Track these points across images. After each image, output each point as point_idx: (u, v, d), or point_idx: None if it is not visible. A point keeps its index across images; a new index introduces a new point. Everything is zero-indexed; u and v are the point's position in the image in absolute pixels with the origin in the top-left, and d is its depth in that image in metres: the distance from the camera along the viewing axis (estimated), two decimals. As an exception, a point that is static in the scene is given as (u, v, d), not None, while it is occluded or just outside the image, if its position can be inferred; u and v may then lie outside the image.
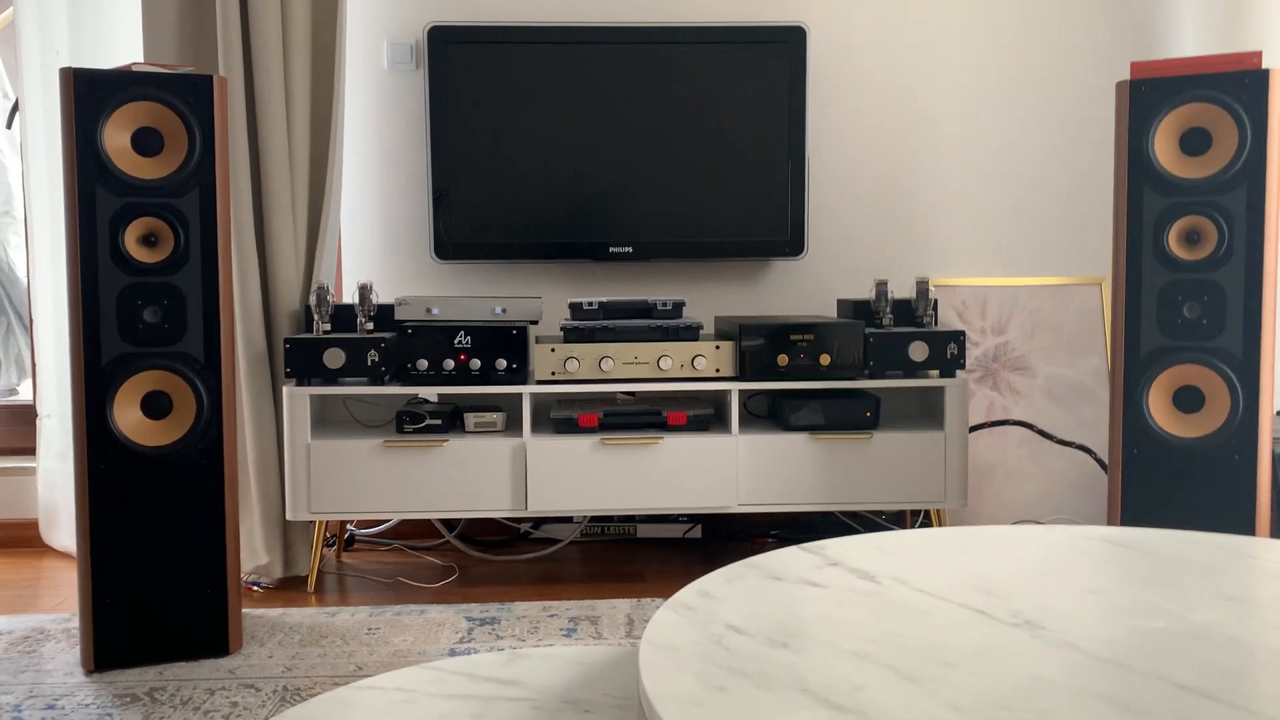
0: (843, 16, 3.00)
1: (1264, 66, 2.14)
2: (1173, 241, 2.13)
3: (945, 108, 3.03)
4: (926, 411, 2.76)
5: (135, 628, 2.04)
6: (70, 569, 2.80)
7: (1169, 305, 2.13)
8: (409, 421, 2.54)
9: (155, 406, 2.03)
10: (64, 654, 2.14)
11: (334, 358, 2.46)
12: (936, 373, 2.58)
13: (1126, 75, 3.01)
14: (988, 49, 3.02)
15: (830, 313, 3.03)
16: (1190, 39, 2.84)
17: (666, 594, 2.52)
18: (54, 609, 2.47)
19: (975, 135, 3.04)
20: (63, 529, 2.91)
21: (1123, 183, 2.16)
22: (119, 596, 2.02)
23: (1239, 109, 2.06)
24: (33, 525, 2.99)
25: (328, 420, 2.73)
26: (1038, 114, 3.04)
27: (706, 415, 2.57)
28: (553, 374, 2.51)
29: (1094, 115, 3.04)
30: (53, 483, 2.92)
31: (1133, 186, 2.14)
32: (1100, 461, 2.85)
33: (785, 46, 2.83)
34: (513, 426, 2.63)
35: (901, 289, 3.04)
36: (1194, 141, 2.11)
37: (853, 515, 3.02)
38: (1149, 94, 2.12)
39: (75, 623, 2.32)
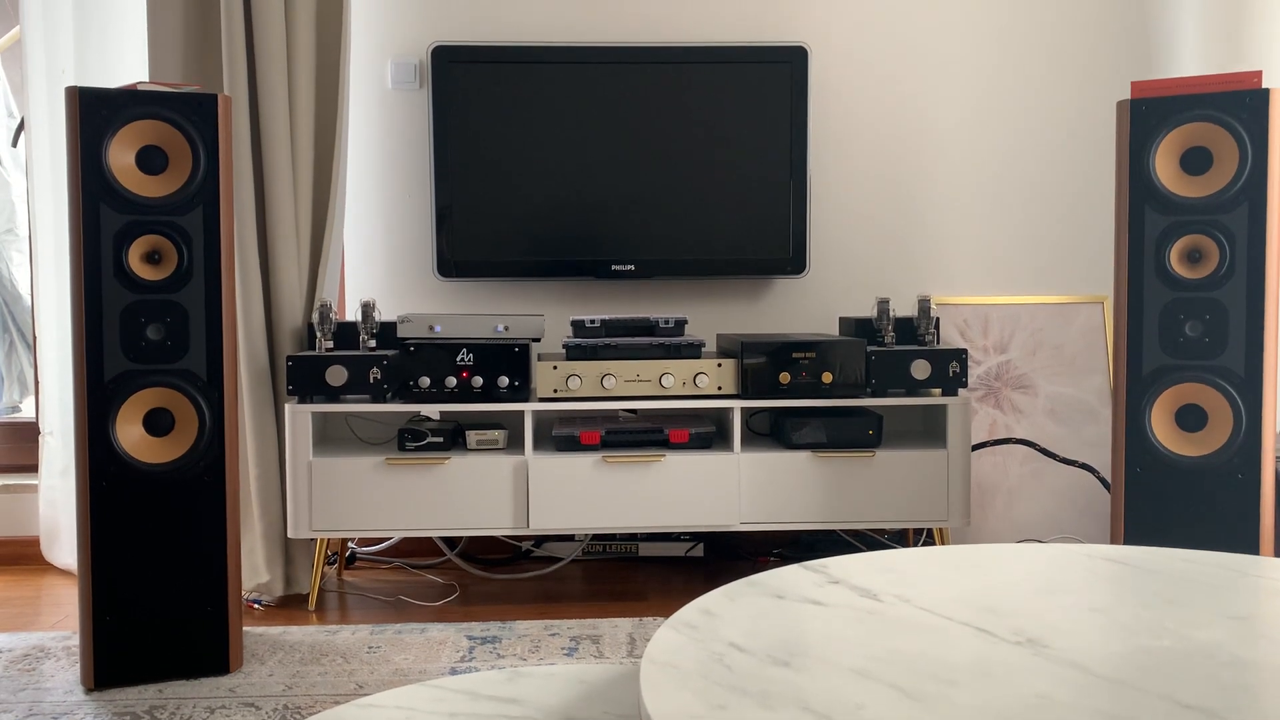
0: (844, 36, 3.01)
1: (1264, 86, 2.15)
2: (1174, 260, 2.13)
3: (947, 126, 3.04)
4: (929, 430, 2.75)
5: (135, 646, 2.03)
6: (71, 587, 2.80)
7: (1171, 324, 2.13)
8: (411, 439, 2.54)
9: (157, 424, 2.03)
10: (64, 672, 2.13)
11: (336, 375, 2.47)
12: (939, 391, 2.58)
13: (1127, 94, 3.02)
14: (989, 68, 3.04)
15: (832, 331, 3.03)
16: (1190, 58, 2.85)
17: (668, 612, 2.51)
18: (54, 627, 2.47)
19: (977, 154, 3.05)
20: (64, 546, 2.90)
21: (1124, 201, 2.16)
22: (119, 614, 2.02)
23: (1239, 128, 2.06)
24: (34, 543, 2.99)
25: (330, 438, 2.73)
26: (1039, 132, 3.05)
27: (709, 433, 2.56)
28: (555, 391, 2.52)
29: (1096, 134, 3.05)
30: (54, 500, 2.92)
31: (1134, 205, 2.15)
32: (1103, 480, 2.84)
33: (787, 67, 2.84)
34: (514, 444, 2.62)
35: (903, 307, 3.04)
36: (1195, 160, 2.12)
37: (855, 534, 3.01)
38: (1150, 113, 2.13)
39: (75, 640, 2.32)
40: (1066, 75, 3.04)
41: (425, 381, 2.49)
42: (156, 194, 2.01)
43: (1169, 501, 2.14)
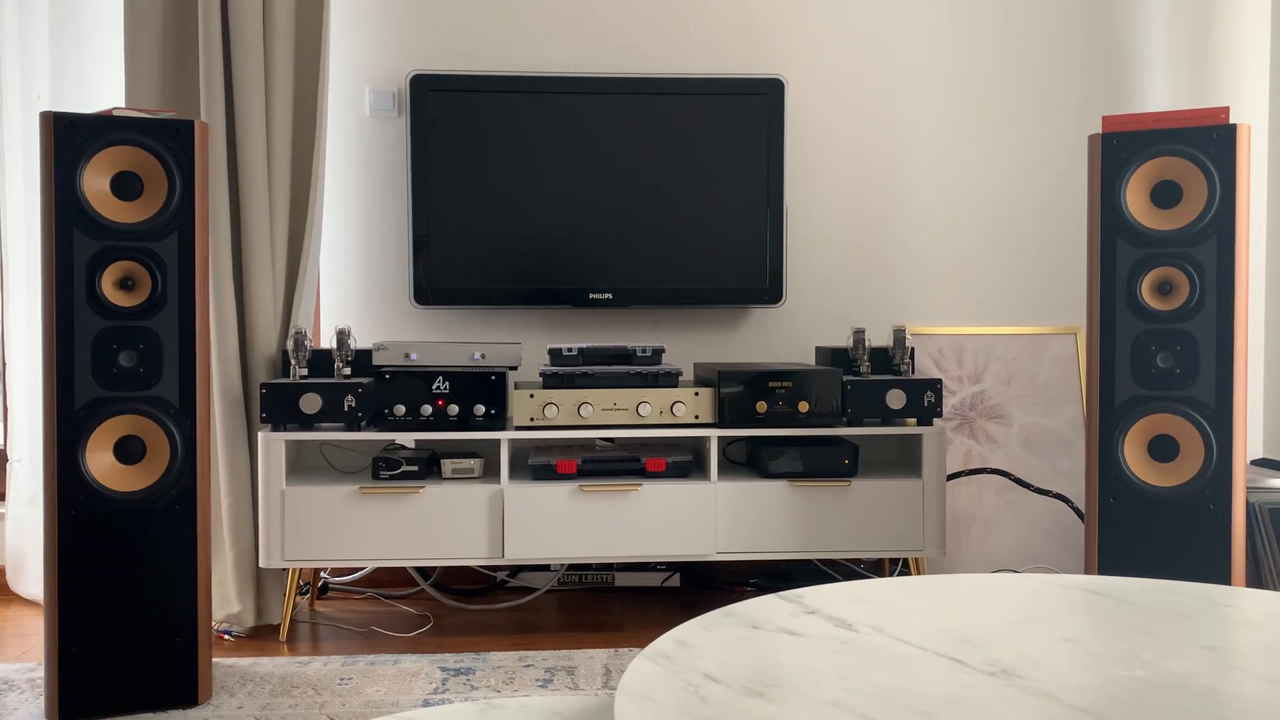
0: (821, 69, 3.05)
1: (1231, 121, 2.18)
2: (1145, 292, 2.15)
3: (922, 158, 3.07)
4: (904, 459, 2.76)
5: (102, 677, 2.00)
6: (37, 617, 2.75)
7: (1142, 355, 2.15)
8: (385, 468, 2.52)
9: (128, 451, 2.01)
10: (28, 704, 2.09)
11: (310, 403, 2.45)
12: (914, 421, 2.59)
13: (1099, 128, 3.06)
14: (964, 101, 3.07)
15: (809, 360, 3.04)
16: (1159, 92, 2.90)
17: (644, 643, 2.49)
18: (19, 658, 2.42)
19: (952, 185, 3.08)
20: (30, 576, 2.86)
21: (1096, 234, 2.19)
22: (86, 645, 1.99)
23: (1208, 163, 2.09)
24: None
25: (303, 466, 2.71)
26: (1014, 165, 3.09)
27: (685, 462, 2.56)
28: (531, 420, 2.51)
29: (1069, 167, 3.09)
30: (21, 529, 2.87)
31: (1106, 238, 2.17)
32: (1077, 510, 2.86)
33: (764, 98, 2.87)
34: (490, 473, 2.61)
35: (879, 337, 3.06)
36: (1165, 194, 2.14)
37: (831, 564, 3.01)
38: (1120, 147, 2.16)
39: (40, 672, 2.27)
40: (1040, 108, 3.08)
41: (400, 409, 2.47)
42: (131, 220, 2.00)
43: (1142, 531, 2.15)
